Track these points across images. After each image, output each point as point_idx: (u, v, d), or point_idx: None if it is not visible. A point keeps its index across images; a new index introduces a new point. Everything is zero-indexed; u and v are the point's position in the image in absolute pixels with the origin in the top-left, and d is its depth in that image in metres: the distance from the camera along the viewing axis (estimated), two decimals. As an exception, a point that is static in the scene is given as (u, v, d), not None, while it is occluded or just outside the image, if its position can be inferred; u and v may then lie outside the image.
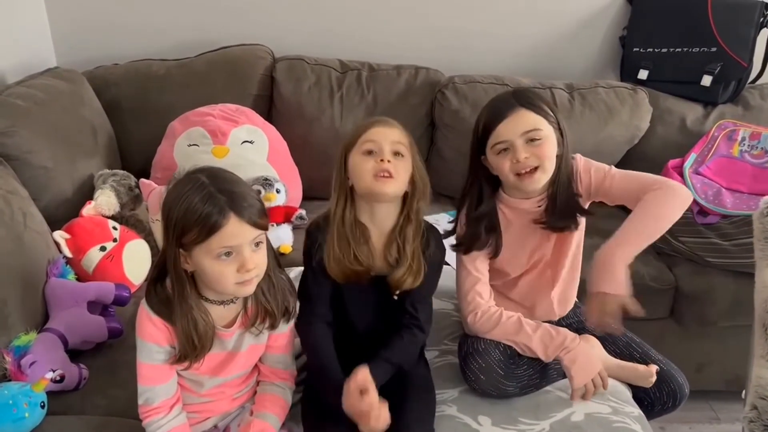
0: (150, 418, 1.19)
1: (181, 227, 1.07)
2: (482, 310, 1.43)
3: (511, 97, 1.38)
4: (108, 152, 2.19)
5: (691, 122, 2.30)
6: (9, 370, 1.37)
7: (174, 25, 2.43)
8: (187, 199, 1.07)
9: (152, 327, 1.15)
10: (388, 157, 1.25)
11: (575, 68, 2.50)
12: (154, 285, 1.17)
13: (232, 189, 1.10)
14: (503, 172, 1.36)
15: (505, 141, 1.34)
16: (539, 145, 1.33)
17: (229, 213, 1.07)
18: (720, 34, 2.27)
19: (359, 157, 1.27)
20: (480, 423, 1.33)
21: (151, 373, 1.18)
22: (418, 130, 2.31)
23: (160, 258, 1.17)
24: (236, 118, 2.11)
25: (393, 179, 1.24)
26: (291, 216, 2.05)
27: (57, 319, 1.54)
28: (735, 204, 2.02)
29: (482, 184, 1.44)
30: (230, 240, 1.08)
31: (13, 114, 1.84)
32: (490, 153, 1.38)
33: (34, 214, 1.69)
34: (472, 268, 1.45)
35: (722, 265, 2.01)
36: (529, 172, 1.34)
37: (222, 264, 1.09)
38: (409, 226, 1.30)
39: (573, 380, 1.36)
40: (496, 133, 1.35)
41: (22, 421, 1.26)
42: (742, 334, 1.63)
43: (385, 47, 2.43)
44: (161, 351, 1.17)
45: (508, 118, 1.34)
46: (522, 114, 1.34)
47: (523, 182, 1.35)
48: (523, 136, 1.33)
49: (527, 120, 1.34)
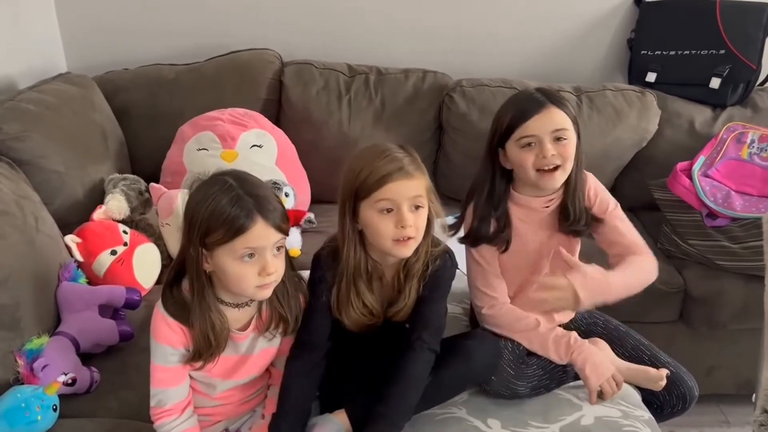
0: (161, 420, 1.20)
1: (207, 227, 1.09)
2: (497, 306, 1.44)
3: (542, 95, 1.38)
4: (118, 156, 2.20)
5: (699, 125, 2.29)
6: (22, 373, 1.38)
7: (183, 30, 2.44)
8: (215, 199, 1.09)
9: (167, 329, 1.16)
10: (410, 221, 1.18)
11: (583, 71, 2.50)
12: (170, 288, 1.18)
13: (258, 193, 1.11)
14: (525, 166, 1.36)
15: (534, 136, 1.35)
16: (564, 144, 1.35)
17: (257, 216, 1.09)
18: (728, 37, 2.26)
19: (375, 214, 1.19)
20: (489, 426, 1.33)
21: (164, 375, 1.19)
22: (425, 134, 2.32)
23: (177, 259, 1.19)
24: (245, 123, 2.12)
25: (413, 240, 1.21)
26: (300, 220, 2.06)
27: (69, 322, 1.55)
28: (744, 207, 2.01)
29: (496, 178, 1.44)
30: (255, 242, 1.09)
31: (25, 119, 1.85)
32: (514, 146, 1.38)
33: (45, 219, 1.70)
34: (483, 261, 1.46)
35: (732, 268, 2.01)
36: (551, 169, 1.36)
37: (244, 266, 1.11)
38: (417, 262, 1.27)
39: (588, 381, 1.37)
40: (525, 127, 1.35)
41: (35, 424, 1.27)
42: (753, 337, 1.63)
43: (393, 51, 2.44)
44: (175, 353, 1.18)
45: (540, 114, 1.35)
46: (553, 112, 1.35)
47: (543, 179, 1.37)
48: (552, 133, 1.35)
49: (558, 118, 1.36)
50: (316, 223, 2.11)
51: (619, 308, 1.66)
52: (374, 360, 1.34)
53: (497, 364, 1.37)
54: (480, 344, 1.36)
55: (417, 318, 1.30)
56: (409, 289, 1.28)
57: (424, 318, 1.30)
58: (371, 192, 1.18)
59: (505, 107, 1.42)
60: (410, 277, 1.28)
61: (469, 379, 1.36)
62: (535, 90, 1.41)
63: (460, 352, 1.32)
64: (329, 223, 2.13)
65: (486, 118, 2.23)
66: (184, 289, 1.18)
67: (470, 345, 1.34)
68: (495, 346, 1.38)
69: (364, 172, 1.19)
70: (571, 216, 1.43)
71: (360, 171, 1.20)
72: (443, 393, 1.34)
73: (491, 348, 1.37)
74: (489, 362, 1.36)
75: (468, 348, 1.33)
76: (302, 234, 2.06)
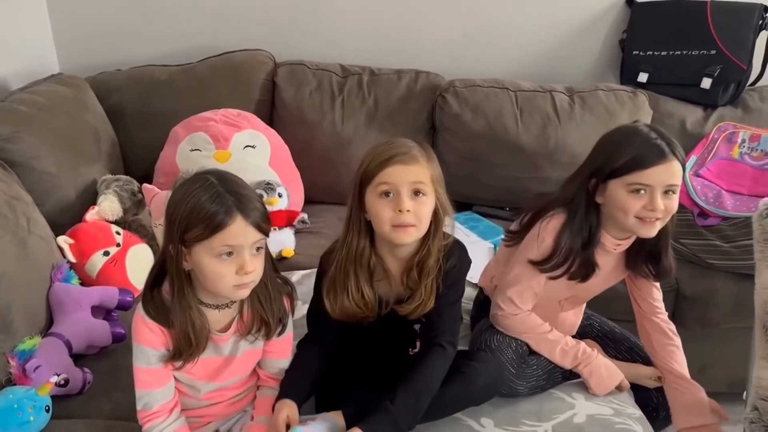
0: (150, 423, 1.19)
1: (186, 223, 1.09)
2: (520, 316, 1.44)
3: (665, 144, 1.30)
4: (111, 157, 2.20)
5: (691, 125, 2.30)
6: (14, 374, 1.38)
7: (176, 31, 2.44)
8: (194, 196, 1.09)
9: (147, 331, 1.16)
10: (407, 205, 1.17)
11: (575, 71, 2.51)
12: (150, 290, 1.18)
13: (240, 191, 1.11)
14: (628, 211, 1.30)
15: (649, 186, 1.29)
16: (672, 198, 1.31)
17: (236, 213, 1.08)
18: (719, 37, 2.28)
19: (375, 198, 1.19)
20: (483, 425, 1.33)
21: (148, 377, 1.19)
22: (418, 134, 2.32)
23: (157, 261, 1.19)
24: (238, 123, 2.12)
25: (413, 227, 1.19)
26: (293, 220, 2.06)
27: (61, 323, 1.55)
28: (735, 206, 2.02)
29: (590, 211, 1.37)
30: (233, 239, 1.09)
31: (16, 120, 1.85)
32: (621, 187, 1.31)
33: (38, 220, 1.70)
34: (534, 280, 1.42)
35: (723, 267, 2.02)
36: (652, 221, 1.31)
37: (222, 264, 1.10)
38: (429, 258, 1.24)
39: (592, 392, 1.41)
40: (642, 175, 1.28)
41: (27, 424, 1.27)
42: (745, 336, 1.63)
43: (386, 51, 2.44)
44: (157, 354, 1.17)
45: (661, 166, 1.28)
46: (674, 166, 1.29)
47: (643, 228, 1.32)
48: (666, 187, 1.29)
49: (675, 173, 1.30)
50: (310, 224, 2.11)
51: (612, 308, 1.68)
52: (374, 361, 1.34)
53: (499, 387, 1.36)
54: (484, 367, 1.33)
55: (435, 319, 1.28)
56: (426, 287, 1.25)
57: (443, 320, 1.28)
58: (373, 176, 1.19)
59: (623, 144, 1.33)
60: (425, 274, 1.25)
61: (469, 402, 1.34)
62: (657, 135, 1.32)
63: (463, 374, 1.30)
64: (323, 223, 2.13)
65: (478, 118, 2.26)
66: (165, 291, 1.17)
67: (474, 368, 1.31)
68: (498, 369, 1.36)
69: (368, 159, 1.21)
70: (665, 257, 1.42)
71: (366, 158, 1.22)
72: (443, 411, 1.31)
73: (494, 372, 1.35)
74: (491, 386, 1.34)
75: (471, 370, 1.31)
76: (296, 234, 2.06)
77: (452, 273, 1.28)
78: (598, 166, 1.34)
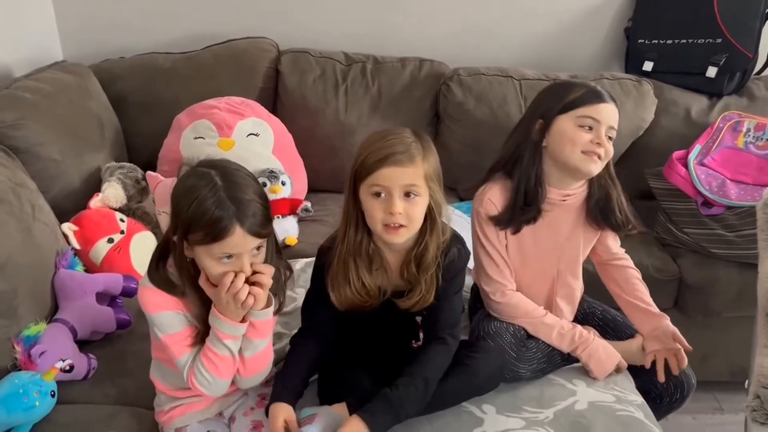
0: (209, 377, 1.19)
1: (188, 224, 1.10)
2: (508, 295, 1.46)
3: (605, 92, 1.41)
4: (115, 145, 2.20)
5: (695, 113, 2.30)
6: (19, 359, 1.39)
7: (179, 19, 2.44)
8: (198, 199, 1.09)
9: (158, 296, 1.17)
10: (398, 208, 1.17)
11: (580, 60, 2.50)
12: (156, 266, 1.19)
13: (242, 197, 1.11)
14: (576, 142, 1.36)
15: (598, 121, 1.37)
16: (610, 143, 1.39)
17: (235, 224, 1.09)
18: (725, 25, 2.26)
19: (368, 197, 1.20)
20: (484, 411, 1.34)
21: (182, 339, 1.19)
22: (422, 123, 2.32)
23: (161, 243, 1.21)
24: (242, 111, 2.12)
25: (404, 228, 1.19)
26: (296, 208, 2.07)
27: (66, 309, 1.56)
28: (740, 195, 2.02)
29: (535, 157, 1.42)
30: (232, 249, 1.11)
31: (21, 107, 1.85)
32: (568, 121, 1.38)
33: (42, 206, 1.70)
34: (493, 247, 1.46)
35: (727, 256, 2.02)
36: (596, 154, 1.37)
37: (221, 266, 1.13)
38: (427, 254, 1.25)
39: (592, 375, 1.43)
40: (589, 109, 1.37)
41: (33, 409, 1.28)
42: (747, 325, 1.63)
43: (390, 39, 2.44)
44: (176, 316, 1.19)
45: (608, 105, 1.38)
46: (613, 109, 1.40)
47: (585, 163, 1.37)
48: (609, 127, 1.38)
49: (615, 116, 1.40)
50: (313, 212, 2.11)
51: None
52: (378, 353, 1.34)
53: (501, 378, 1.37)
54: (485, 358, 1.34)
55: (436, 312, 1.29)
56: (425, 282, 1.25)
57: (444, 313, 1.29)
58: (367, 175, 1.18)
59: (573, 84, 1.46)
60: (423, 269, 1.25)
61: (471, 393, 1.35)
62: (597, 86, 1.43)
63: (465, 366, 1.31)
64: (326, 211, 2.13)
65: (482, 106, 2.25)
66: (169, 265, 1.19)
67: (476, 359, 1.32)
68: (500, 358, 1.37)
69: (364, 153, 1.20)
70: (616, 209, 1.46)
71: (362, 151, 1.21)
72: (445, 403, 1.32)
73: (497, 361, 1.36)
74: (493, 377, 1.36)
75: (473, 362, 1.32)
76: (299, 222, 2.07)
77: (451, 267, 1.29)
78: (549, 106, 1.41)
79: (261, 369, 1.25)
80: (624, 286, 1.54)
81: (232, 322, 1.16)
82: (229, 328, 1.16)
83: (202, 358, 1.18)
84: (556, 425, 1.31)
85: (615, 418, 1.33)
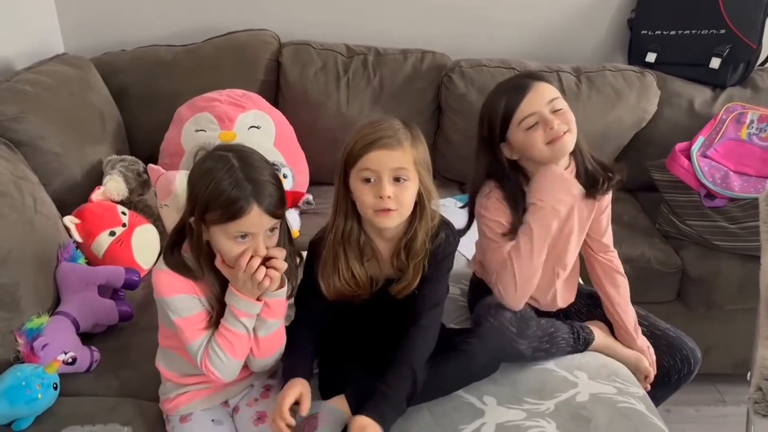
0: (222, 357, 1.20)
1: (206, 205, 1.13)
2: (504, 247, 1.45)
3: (523, 76, 1.40)
4: (116, 138, 2.20)
5: (699, 105, 2.29)
6: (22, 352, 1.39)
7: (181, 11, 2.43)
8: (215, 180, 1.12)
9: (174, 280, 1.19)
10: (388, 191, 1.18)
11: (583, 51, 2.49)
12: (171, 249, 1.21)
13: (258, 177, 1.14)
14: (536, 145, 1.36)
15: (534, 113, 1.35)
16: (564, 112, 1.37)
17: (252, 203, 1.12)
18: (729, 16, 2.25)
19: (358, 183, 1.20)
20: (485, 403, 1.34)
21: (197, 323, 1.21)
22: (424, 115, 2.31)
23: (177, 227, 1.22)
24: (243, 104, 2.12)
25: (395, 212, 1.20)
26: (298, 201, 2.07)
27: (68, 302, 1.56)
28: (743, 187, 2.01)
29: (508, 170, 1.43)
30: (248, 228, 1.13)
31: (22, 100, 1.85)
32: (518, 132, 1.37)
33: (44, 199, 1.71)
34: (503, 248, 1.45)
35: (729, 248, 2.01)
36: (561, 136, 1.35)
37: (237, 245, 1.15)
38: (416, 240, 1.25)
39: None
40: (521, 110, 1.36)
41: (35, 402, 1.28)
42: (750, 317, 1.63)
43: (391, 31, 2.42)
44: (191, 299, 1.20)
45: (531, 92, 1.36)
46: (541, 86, 1.38)
47: (556, 147, 1.36)
48: (548, 105, 1.36)
49: (548, 90, 1.38)
50: (315, 205, 2.11)
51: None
52: (375, 342, 1.34)
53: (499, 362, 1.37)
54: (483, 344, 1.34)
55: (418, 297, 1.30)
56: (414, 268, 1.27)
57: (425, 298, 1.30)
58: (356, 160, 1.19)
59: (492, 102, 1.42)
60: (412, 256, 1.26)
61: (469, 379, 1.35)
62: (517, 75, 1.44)
63: (462, 352, 1.32)
64: (328, 204, 2.08)
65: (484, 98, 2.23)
66: (184, 250, 1.21)
67: (473, 344, 1.33)
68: (497, 345, 1.37)
69: (353, 140, 1.21)
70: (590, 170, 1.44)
71: (350, 139, 1.22)
72: (443, 389, 1.33)
73: (494, 347, 1.36)
74: (491, 362, 1.36)
75: (471, 347, 1.32)
76: (300, 215, 2.07)
77: (438, 252, 1.29)
78: (490, 132, 1.41)
79: (274, 350, 1.27)
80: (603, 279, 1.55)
81: (249, 298, 1.18)
82: (246, 305, 1.19)
83: (217, 338, 1.20)
84: (557, 417, 1.30)
85: (616, 410, 1.32)
